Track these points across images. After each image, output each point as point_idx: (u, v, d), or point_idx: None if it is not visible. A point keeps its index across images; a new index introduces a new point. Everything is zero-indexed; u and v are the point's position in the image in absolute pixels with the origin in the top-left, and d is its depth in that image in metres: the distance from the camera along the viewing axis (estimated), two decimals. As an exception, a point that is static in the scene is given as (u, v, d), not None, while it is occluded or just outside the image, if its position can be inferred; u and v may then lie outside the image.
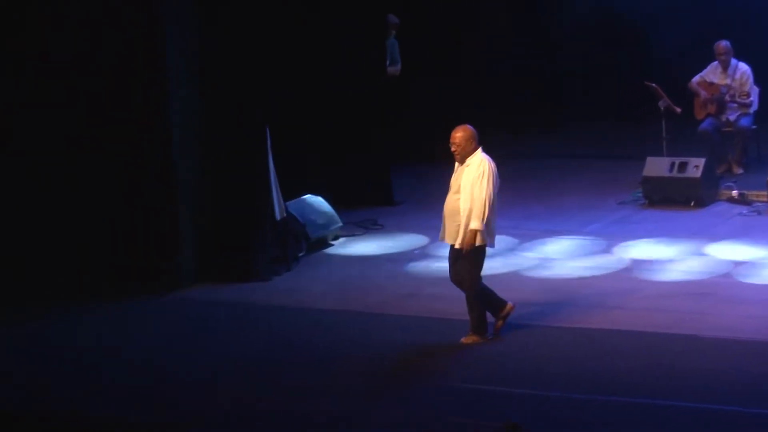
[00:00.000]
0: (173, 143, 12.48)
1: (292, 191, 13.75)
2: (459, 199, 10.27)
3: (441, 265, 12.89)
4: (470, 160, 10.29)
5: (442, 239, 10.62)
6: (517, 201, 15.53)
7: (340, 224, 14.18)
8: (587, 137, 18.72)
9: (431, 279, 12.42)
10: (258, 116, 12.90)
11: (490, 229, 10.34)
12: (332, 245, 14.03)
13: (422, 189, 15.44)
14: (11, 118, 12.66)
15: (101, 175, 12.55)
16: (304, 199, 14.13)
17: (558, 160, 17.69)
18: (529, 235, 13.96)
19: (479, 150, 10.35)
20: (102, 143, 12.47)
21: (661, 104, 15.50)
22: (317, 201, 14.15)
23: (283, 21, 13.75)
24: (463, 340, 10.53)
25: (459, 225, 10.28)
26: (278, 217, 12.97)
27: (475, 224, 10.18)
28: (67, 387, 10.09)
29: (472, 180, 10.20)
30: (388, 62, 16.01)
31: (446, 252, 10.72)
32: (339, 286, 12.41)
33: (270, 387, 9.90)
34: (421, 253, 13.43)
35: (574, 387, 9.56)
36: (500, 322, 10.66)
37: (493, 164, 10.35)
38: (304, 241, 13.57)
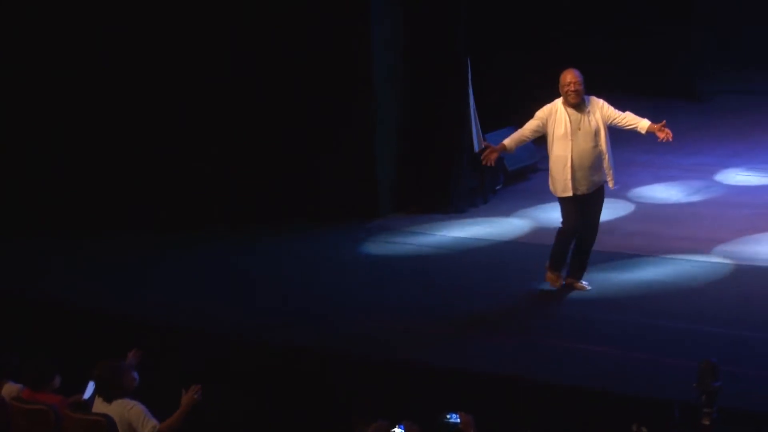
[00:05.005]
0: (374, 75, 12.55)
1: (491, 123, 13.66)
2: (596, 145, 9.97)
3: (640, 201, 12.69)
4: (589, 102, 10.02)
5: (576, 192, 10.07)
6: (726, 137, 15.17)
7: (539, 157, 14.01)
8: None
9: (628, 216, 12.27)
10: (459, 48, 12.84)
11: None
12: (530, 179, 13.91)
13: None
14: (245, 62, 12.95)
15: (306, 104, 12.75)
16: (504, 132, 13.99)
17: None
18: (732, 172, 13.68)
19: None
20: (309, 77, 12.68)
21: None
22: (517, 134, 14.00)
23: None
24: (576, 285, 10.34)
25: (604, 168, 10.02)
26: (477, 148, 12.91)
27: (645, 121, 9.96)
28: (256, 309, 10.37)
29: (611, 116, 9.98)
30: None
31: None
32: (535, 220, 12.30)
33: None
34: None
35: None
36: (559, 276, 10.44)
37: None
38: (502, 173, 13.49)
